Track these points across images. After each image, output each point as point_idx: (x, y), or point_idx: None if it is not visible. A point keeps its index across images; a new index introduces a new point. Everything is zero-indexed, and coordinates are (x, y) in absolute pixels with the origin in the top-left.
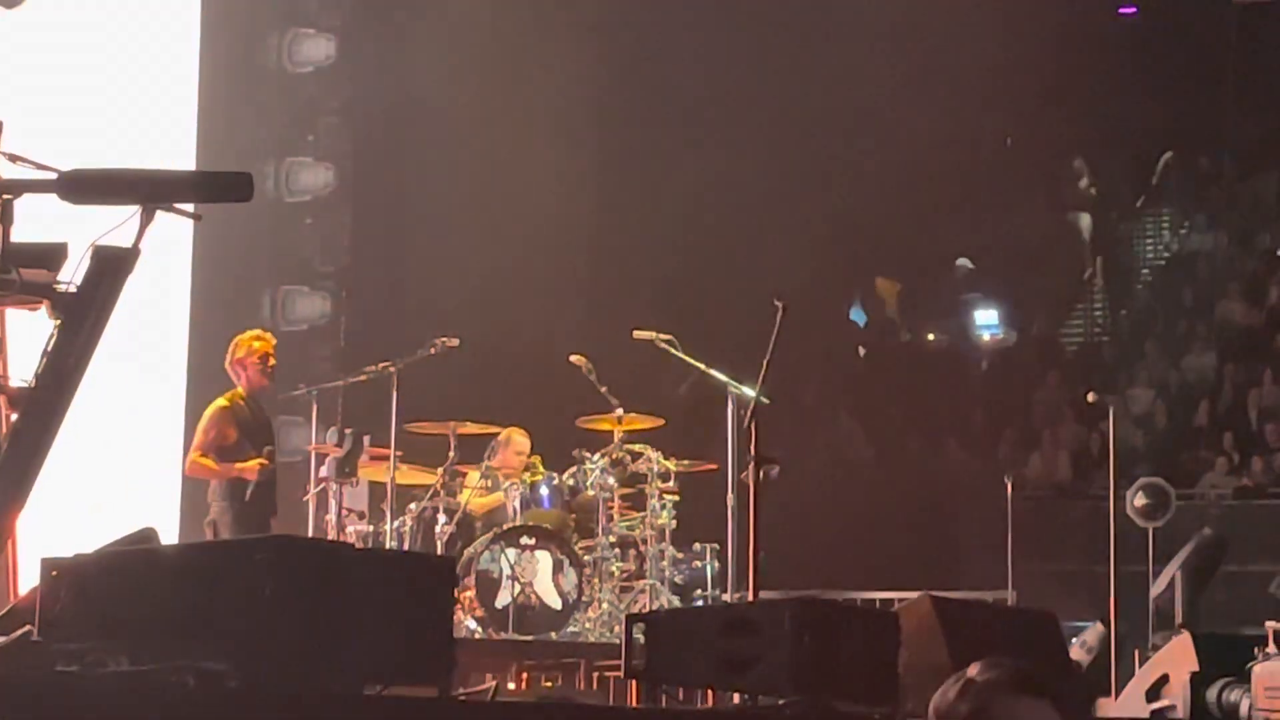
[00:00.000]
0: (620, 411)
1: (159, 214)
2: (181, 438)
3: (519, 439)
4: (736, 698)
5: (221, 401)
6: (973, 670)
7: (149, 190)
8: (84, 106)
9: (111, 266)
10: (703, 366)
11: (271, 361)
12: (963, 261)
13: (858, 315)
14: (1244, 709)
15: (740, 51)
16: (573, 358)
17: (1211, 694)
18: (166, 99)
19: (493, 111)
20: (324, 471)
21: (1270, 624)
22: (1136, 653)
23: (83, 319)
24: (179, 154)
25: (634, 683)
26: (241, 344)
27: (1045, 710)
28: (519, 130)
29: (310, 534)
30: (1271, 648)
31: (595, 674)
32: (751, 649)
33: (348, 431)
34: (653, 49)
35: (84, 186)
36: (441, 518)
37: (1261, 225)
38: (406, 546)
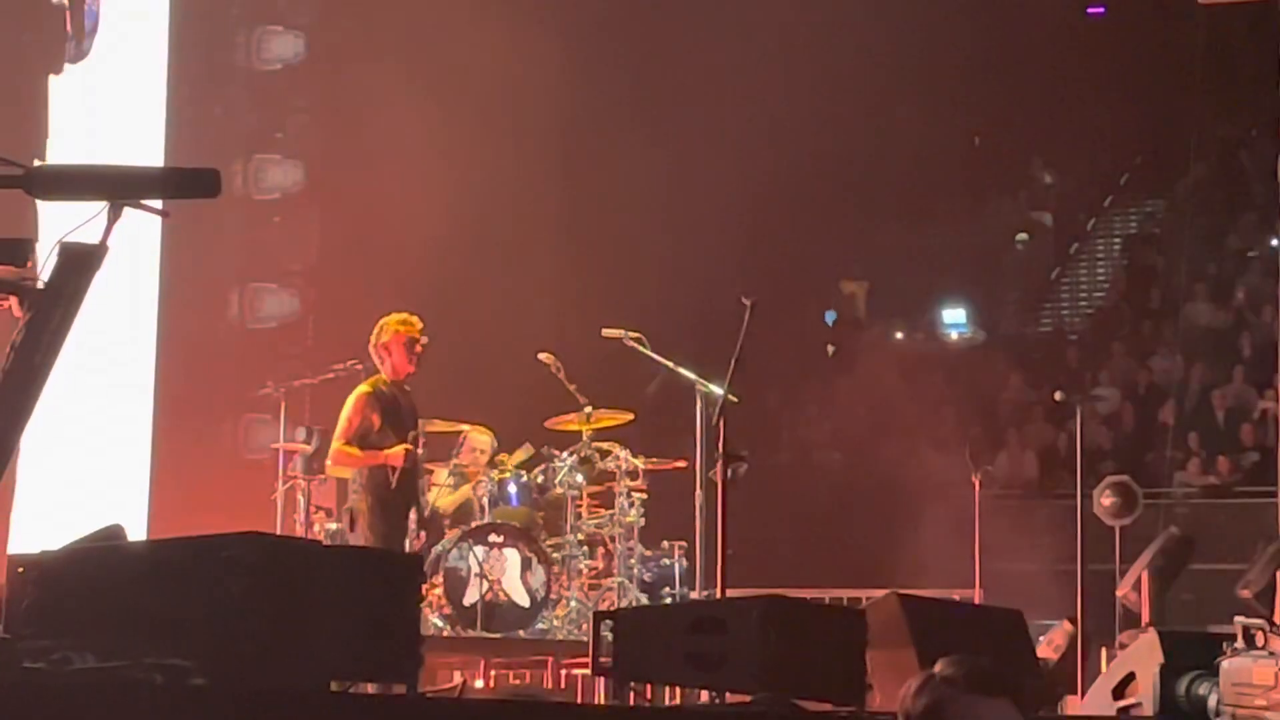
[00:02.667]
0: (589, 409)
1: (127, 210)
2: (150, 434)
3: (477, 437)
4: (704, 695)
5: (364, 388)
6: (937, 667)
7: (117, 186)
8: (52, 102)
9: (79, 263)
10: (671, 364)
11: (418, 346)
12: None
13: (828, 316)
14: (1212, 702)
15: (710, 49)
16: (541, 356)
17: (1180, 687)
18: (135, 95)
19: (460, 109)
20: (292, 469)
21: (1239, 619)
22: (1103, 651)
23: (50, 315)
24: (148, 151)
25: (602, 680)
26: (387, 327)
27: (1004, 708)
28: (486, 128)
29: (279, 531)
30: (1240, 643)
31: (563, 671)
32: (719, 647)
33: (316, 429)
34: (619, 47)
35: (52, 182)
36: (410, 515)
37: (1229, 226)
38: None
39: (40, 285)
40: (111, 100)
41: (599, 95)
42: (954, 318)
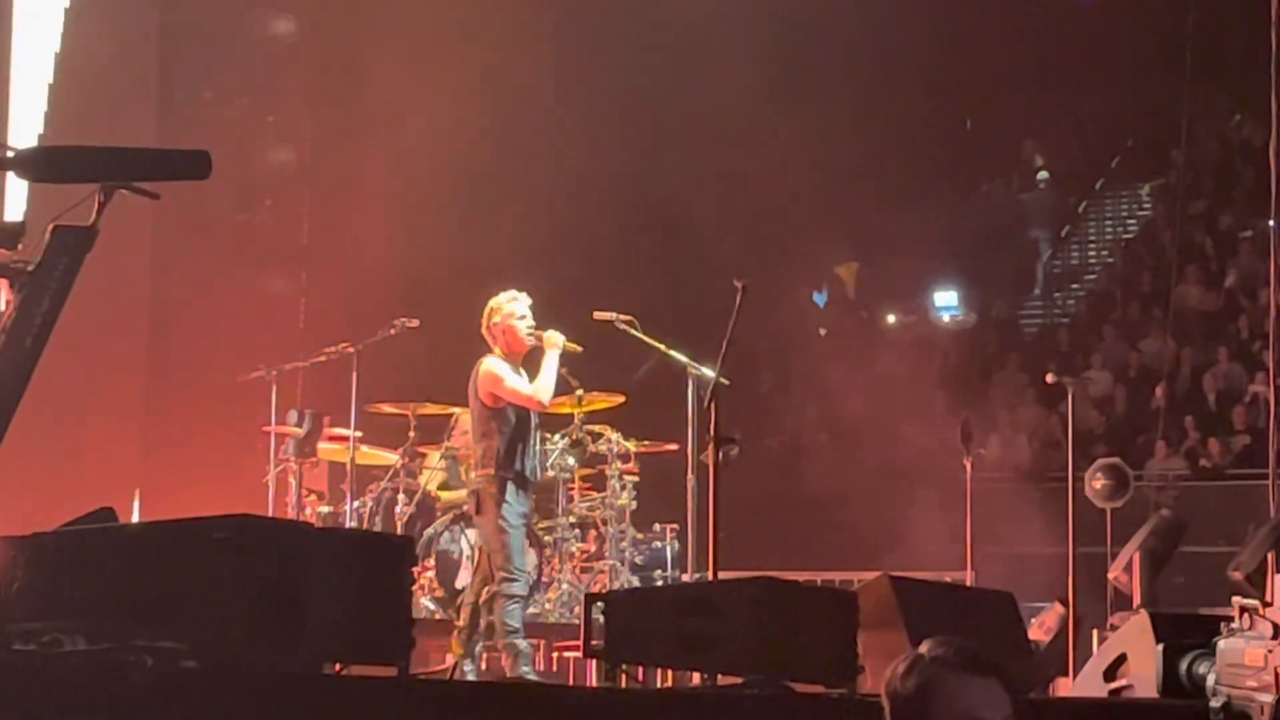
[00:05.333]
0: (580, 392)
1: (118, 192)
2: (140, 417)
3: (468, 419)
4: (696, 678)
5: (491, 359)
6: (923, 647)
7: (108, 168)
8: (43, 86)
9: (70, 245)
10: (663, 347)
11: (530, 320)
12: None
13: (819, 299)
14: (1210, 681)
15: (699, 35)
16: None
17: (1182, 666)
18: (126, 78)
19: (452, 92)
20: (284, 452)
21: (1238, 600)
22: (1095, 633)
23: (41, 297)
24: (139, 134)
25: (593, 662)
26: (498, 309)
27: (993, 689)
28: (479, 111)
29: (270, 514)
30: (1238, 624)
31: (555, 654)
32: (711, 629)
33: (307, 412)
34: (610, 30)
35: (43, 164)
36: (401, 498)
37: (1220, 208)
38: (366, 526)
39: (31, 268)
40: (103, 82)
41: (591, 81)
42: (946, 300)
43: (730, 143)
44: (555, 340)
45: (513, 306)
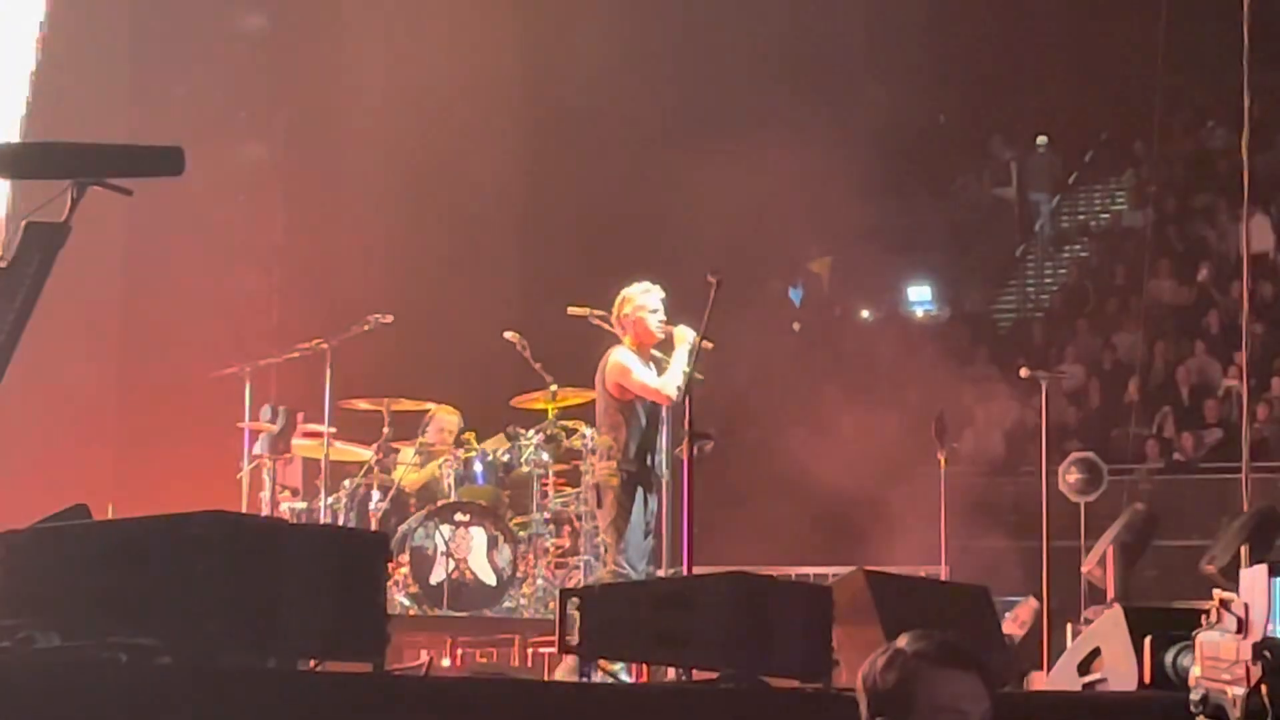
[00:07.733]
0: (554, 387)
1: (90, 189)
2: (114, 414)
3: (445, 416)
4: (671, 672)
5: (620, 350)
6: (901, 641)
7: (80, 164)
8: (13, 81)
9: (43, 242)
10: None
11: (662, 314)
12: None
13: (795, 294)
14: (1193, 674)
15: (671, 32)
16: (507, 334)
17: (1168, 659)
18: (98, 73)
19: (425, 86)
20: (258, 448)
21: (1217, 591)
22: (1069, 626)
23: (13, 295)
24: (111, 130)
25: (568, 658)
26: (629, 299)
27: (972, 682)
28: (451, 105)
29: (244, 510)
30: (1214, 616)
31: (530, 650)
32: (686, 624)
33: (281, 408)
34: (580, 27)
35: (14, 161)
36: (375, 494)
37: (1193, 202)
38: (340, 523)
39: (3, 265)
40: (73, 77)
41: (565, 76)
42: (919, 295)
43: (703, 137)
44: (685, 335)
45: (645, 299)
